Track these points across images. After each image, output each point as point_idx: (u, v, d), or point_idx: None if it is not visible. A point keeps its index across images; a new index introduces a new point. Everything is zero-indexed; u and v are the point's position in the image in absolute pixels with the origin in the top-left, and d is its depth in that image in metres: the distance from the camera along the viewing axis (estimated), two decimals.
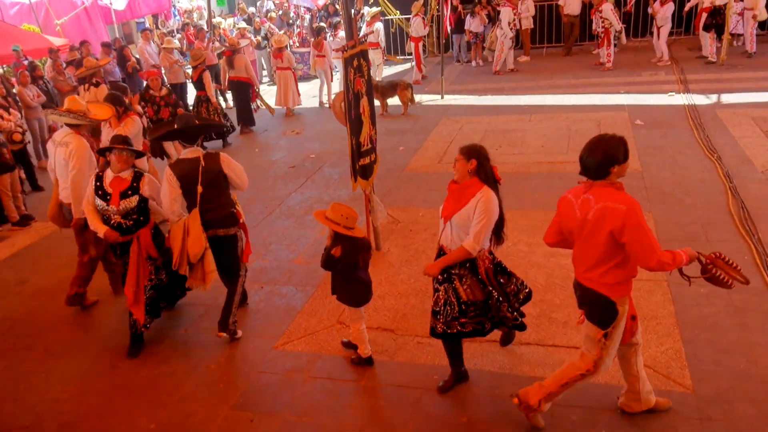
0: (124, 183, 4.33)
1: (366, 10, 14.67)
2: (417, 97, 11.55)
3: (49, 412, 4.01)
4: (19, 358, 4.64)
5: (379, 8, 12.56)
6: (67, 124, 5.01)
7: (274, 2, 17.32)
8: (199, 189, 4.24)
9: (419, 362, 4.14)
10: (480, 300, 3.59)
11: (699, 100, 9.32)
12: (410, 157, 8.33)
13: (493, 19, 13.96)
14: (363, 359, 4.13)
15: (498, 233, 3.62)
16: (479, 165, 3.43)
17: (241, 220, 4.58)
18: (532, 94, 10.71)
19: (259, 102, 10.78)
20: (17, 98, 9.06)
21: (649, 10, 12.18)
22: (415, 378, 3.98)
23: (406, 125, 9.88)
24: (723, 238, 5.28)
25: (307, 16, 16.42)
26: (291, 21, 16.00)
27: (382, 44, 12.35)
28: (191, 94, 10.52)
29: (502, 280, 3.72)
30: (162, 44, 12.03)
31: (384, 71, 13.35)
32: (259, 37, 14.00)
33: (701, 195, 6.16)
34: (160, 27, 16.83)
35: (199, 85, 9.37)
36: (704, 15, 11.32)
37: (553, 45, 14.37)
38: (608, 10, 11.59)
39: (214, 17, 16.56)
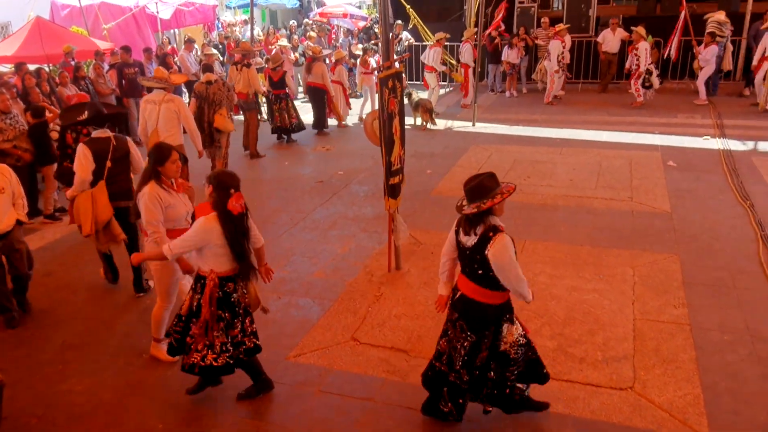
0: None
1: (405, 35, 14.89)
2: (450, 123, 11.67)
3: (61, 403, 4.06)
4: (38, 348, 4.72)
5: (445, 34, 12.72)
6: (160, 88, 6.95)
7: (312, 20, 17.63)
8: (108, 164, 4.97)
9: None
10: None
11: (735, 145, 9.17)
12: (437, 180, 8.35)
13: (531, 50, 14.02)
14: None
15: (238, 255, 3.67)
16: (214, 191, 3.60)
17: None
18: (564, 128, 10.67)
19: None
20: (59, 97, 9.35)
21: (695, 52, 12.03)
22: None
23: (436, 149, 9.92)
24: (751, 286, 5.15)
25: (341, 39, 16.69)
26: (335, 43, 16.31)
27: (438, 68, 12.47)
28: None
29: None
30: (203, 52, 12.39)
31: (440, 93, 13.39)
32: (296, 54, 14.28)
33: (731, 241, 6.03)
34: (203, 38, 17.28)
35: (278, 84, 10.44)
36: (766, 63, 11.05)
37: (589, 81, 14.33)
38: (643, 49, 11.57)
39: (261, 34, 17.03)
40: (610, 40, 13.07)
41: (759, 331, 4.52)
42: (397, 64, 5.20)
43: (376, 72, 5.28)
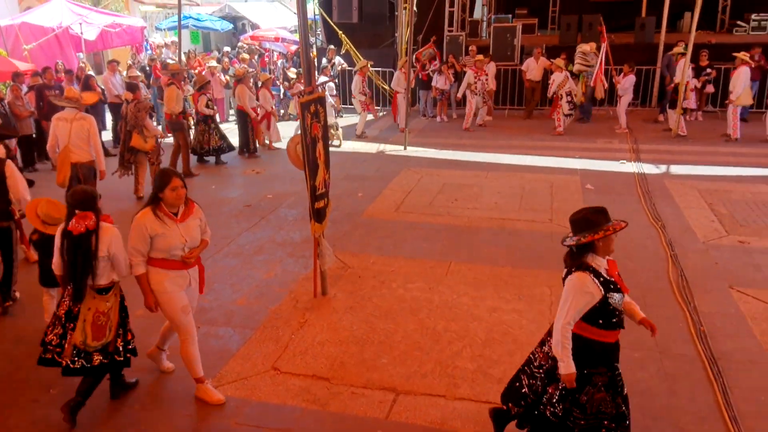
0: None
1: (338, 60, 15.02)
2: (382, 146, 11.86)
3: None
4: None
5: (367, 62, 12.97)
6: (71, 107, 7.12)
7: (245, 42, 17.54)
8: None
9: (352, 413, 4.04)
10: None
11: (649, 169, 9.68)
12: (368, 203, 8.38)
13: (460, 77, 14.42)
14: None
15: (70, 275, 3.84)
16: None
17: (15, 217, 5.46)
18: (491, 152, 10.98)
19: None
20: None
21: (614, 80, 12.72)
22: (346, 430, 3.88)
23: (368, 172, 9.98)
24: (660, 303, 5.40)
25: (280, 62, 16.68)
26: (269, 66, 16.26)
27: (357, 97, 12.66)
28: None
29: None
30: (128, 75, 12.07)
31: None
32: (227, 77, 14.13)
33: (643, 260, 6.32)
34: (131, 60, 16.83)
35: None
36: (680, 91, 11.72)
37: (515, 108, 14.87)
38: (559, 78, 12.16)
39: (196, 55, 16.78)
40: (533, 68, 13.63)
41: (667, 348, 4.73)
42: (336, 82, 5.22)
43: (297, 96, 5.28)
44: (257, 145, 11.43)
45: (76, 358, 3.83)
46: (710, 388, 4.23)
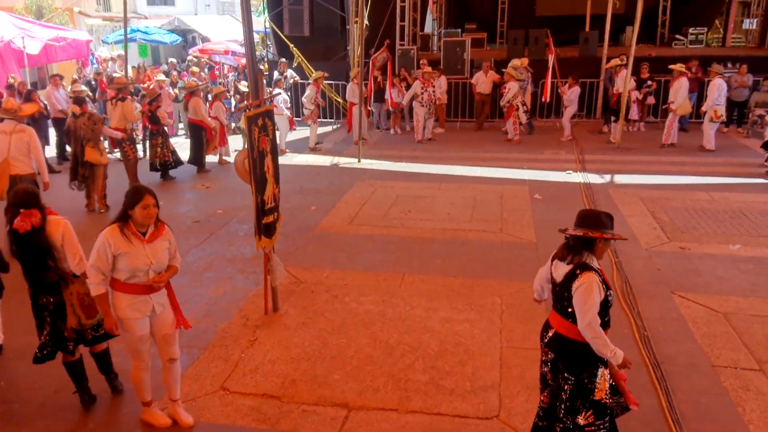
0: None
1: (290, 73, 14.97)
2: (336, 159, 11.87)
3: None
4: None
5: (322, 73, 12.96)
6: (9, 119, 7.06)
7: (193, 56, 17.30)
8: None
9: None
10: None
11: (594, 178, 9.98)
12: (322, 217, 8.34)
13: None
14: None
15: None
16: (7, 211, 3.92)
17: None
18: (443, 164, 11.11)
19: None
20: None
21: (559, 91, 13.12)
22: None
23: (321, 185, 9.94)
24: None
25: (231, 75, 16.51)
26: (219, 80, 16.05)
27: (308, 106, 12.63)
28: None
29: None
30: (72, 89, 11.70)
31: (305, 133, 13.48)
32: (176, 90, 13.89)
33: None
34: (76, 74, 16.37)
35: (153, 120, 10.08)
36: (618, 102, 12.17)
37: (466, 120, 15.12)
38: (513, 88, 12.46)
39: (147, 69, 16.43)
40: (482, 81, 13.89)
41: None
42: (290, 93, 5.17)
43: (245, 110, 5.22)
44: (204, 161, 11.26)
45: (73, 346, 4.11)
46: (654, 392, 4.35)
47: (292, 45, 15.19)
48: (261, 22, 18.68)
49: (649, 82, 13.22)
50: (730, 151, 11.67)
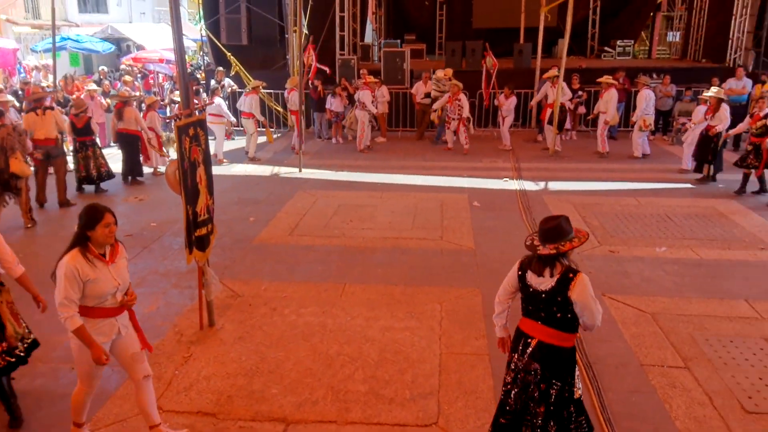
0: None
1: (227, 81, 14.72)
2: (276, 169, 11.72)
3: None
4: None
5: (261, 82, 12.79)
6: None
7: (126, 64, 16.79)
8: None
9: None
10: None
11: (529, 186, 10.26)
12: (261, 228, 8.20)
13: (353, 99, 14.59)
14: None
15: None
16: None
17: None
18: (385, 173, 11.16)
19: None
20: None
21: (496, 102, 13.42)
22: None
23: (260, 196, 9.79)
24: None
25: (167, 84, 16.09)
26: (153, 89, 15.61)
27: (258, 117, 12.45)
28: None
29: None
30: None
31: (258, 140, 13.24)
32: (107, 100, 13.41)
33: None
34: (2, 84, 15.56)
35: (83, 131, 9.79)
36: (549, 110, 12.60)
37: (407, 129, 15.27)
38: (464, 99, 12.68)
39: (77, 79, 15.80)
40: (422, 91, 14.06)
41: None
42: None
43: (174, 120, 5.09)
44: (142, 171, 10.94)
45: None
46: (587, 391, 4.47)
47: (229, 54, 14.95)
48: (198, 30, 18.32)
49: (580, 93, 13.74)
50: (656, 158, 12.25)
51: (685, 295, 6.04)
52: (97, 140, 10.27)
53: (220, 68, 14.75)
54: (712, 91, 10.12)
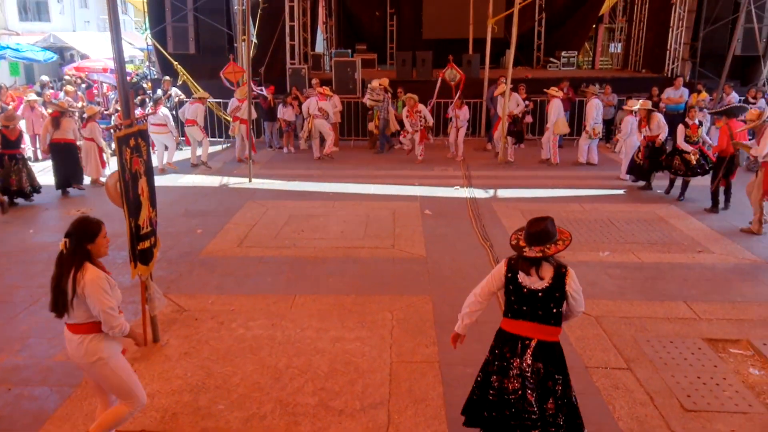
0: None
1: (174, 91, 14.43)
2: (225, 179, 11.58)
3: None
4: None
5: (207, 94, 12.64)
6: None
7: (68, 74, 16.27)
8: None
9: None
10: None
11: (479, 193, 10.41)
12: (208, 240, 8.03)
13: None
14: None
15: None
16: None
17: None
18: (337, 182, 11.14)
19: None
20: None
21: (449, 113, 13.50)
22: None
23: (209, 207, 9.60)
24: (488, 320, 5.70)
25: (111, 94, 15.66)
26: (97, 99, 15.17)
27: (200, 124, 12.29)
28: None
29: None
30: None
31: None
32: (49, 110, 12.92)
33: (474, 279, 6.54)
34: None
35: (14, 144, 9.65)
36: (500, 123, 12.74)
37: (360, 138, 15.29)
38: (425, 109, 12.77)
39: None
40: None
41: None
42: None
43: (113, 130, 4.94)
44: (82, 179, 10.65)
45: None
46: None
47: (176, 63, 14.67)
48: (142, 39, 17.92)
49: (527, 102, 14.05)
50: (599, 165, 12.64)
51: (628, 298, 6.23)
52: (30, 153, 10.00)
53: (167, 77, 14.45)
54: (639, 104, 10.49)
